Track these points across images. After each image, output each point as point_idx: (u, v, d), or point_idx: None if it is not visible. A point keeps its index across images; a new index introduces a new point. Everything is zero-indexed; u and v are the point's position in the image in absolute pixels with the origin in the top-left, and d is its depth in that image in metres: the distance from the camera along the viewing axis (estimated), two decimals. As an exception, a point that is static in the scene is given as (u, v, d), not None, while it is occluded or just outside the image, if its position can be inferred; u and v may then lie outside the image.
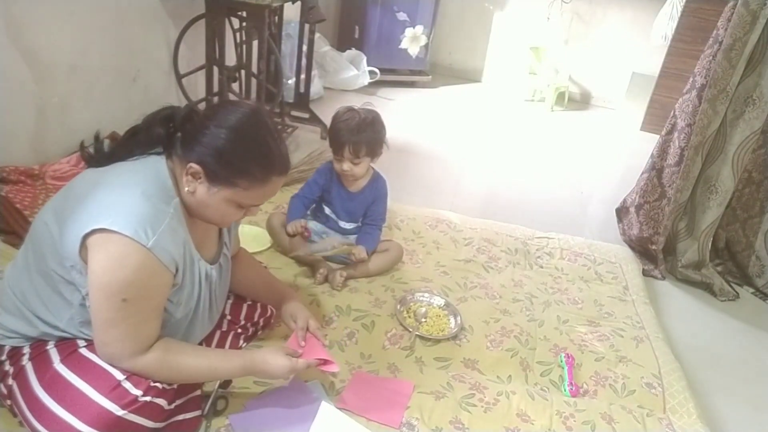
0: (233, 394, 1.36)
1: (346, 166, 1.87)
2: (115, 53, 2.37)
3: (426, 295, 1.87)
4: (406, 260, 2.09)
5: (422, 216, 2.44)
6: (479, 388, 1.53)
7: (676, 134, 2.36)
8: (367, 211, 1.99)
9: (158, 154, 1.15)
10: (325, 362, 1.32)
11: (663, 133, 2.46)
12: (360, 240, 1.93)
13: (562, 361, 1.68)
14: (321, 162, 2.65)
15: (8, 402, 1.15)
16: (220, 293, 1.34)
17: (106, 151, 1.16)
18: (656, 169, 2.47)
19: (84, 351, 1.11)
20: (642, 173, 2.58)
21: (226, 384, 1.37)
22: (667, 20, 4.24)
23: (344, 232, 2.00)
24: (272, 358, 1.23)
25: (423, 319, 1.76)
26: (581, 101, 5.19)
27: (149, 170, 1.11)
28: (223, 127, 1.08)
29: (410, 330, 1.70)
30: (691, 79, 2.32)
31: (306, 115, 3.48)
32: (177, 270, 1.09)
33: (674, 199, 2.37)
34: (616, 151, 4.19)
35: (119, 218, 1.00)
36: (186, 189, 1.11)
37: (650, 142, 2.77)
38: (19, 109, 2.00)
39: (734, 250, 2.56)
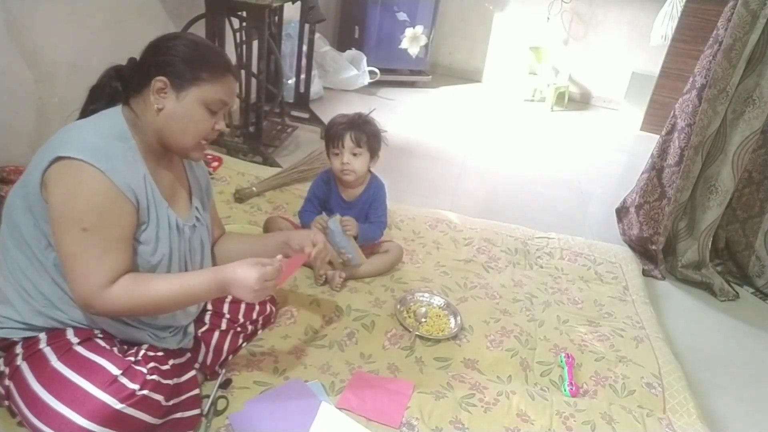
0: (233, 394, 1.36)
1: (346, 158, 1.85)
2: (115, 53, 2.35)
3: (426, 295, 1.87)
4: (406, 260, 2.09)
5: (422, 216, 2.44)
6: (479, 388, 1.53)
7: (676, 134, 2.36)
8: (368, 214, 1.99)
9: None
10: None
11: (663, 133, 2.46)
12: (360, 227, 1.90)
13: (562, 361, 1.68)
14: (321, 162, 2.65)
15: (6, 402, 1.16)
16: (197, 257, 1.33)
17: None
18: (656, 169, 2.47)
19: (78, 348, 1.13)
20: (642, 173, 2.58)
21: (226, 384, 1.37)
22: (667, 20, 4.24)
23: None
24: (241, 268, 1.15)
25: (423, 319, 1.76)
26: (581, 101, 5.19)
27: (104, 116, 1.17)
28: (174, 39, 1.18)
29: (410, 330, 1.70)
30: (691, 79, 2.32)
31: (306, 115, 3.49)
32: (138, 204, 1.11)
33: (674, 199, 2.37)
34: (616, 151, 4.19)
35: (73, 147, 1.04)
36: (155, 107, 1.14)
37: (650, 142, 2.77)
38: (19, 109, 2.00)
39: (734, 250, 2.56)
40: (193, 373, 1.28)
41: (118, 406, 1.04)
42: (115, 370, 1.08)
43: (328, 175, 1.99)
